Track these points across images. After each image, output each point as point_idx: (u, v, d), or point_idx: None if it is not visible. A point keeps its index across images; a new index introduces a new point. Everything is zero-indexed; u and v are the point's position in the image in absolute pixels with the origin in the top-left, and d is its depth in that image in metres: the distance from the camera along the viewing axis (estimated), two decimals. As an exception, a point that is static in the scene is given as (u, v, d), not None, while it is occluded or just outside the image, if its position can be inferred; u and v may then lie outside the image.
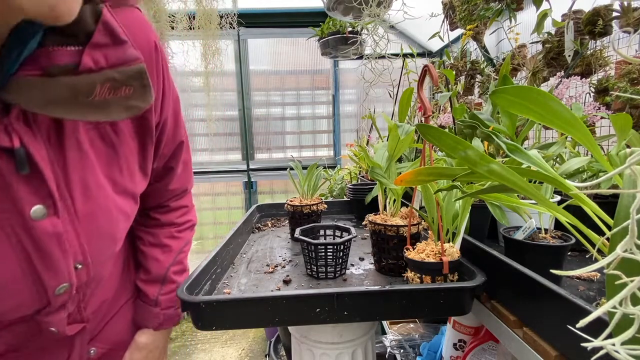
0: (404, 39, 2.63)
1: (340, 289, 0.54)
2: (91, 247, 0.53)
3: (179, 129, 0.70)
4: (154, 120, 0.59)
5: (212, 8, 1.97)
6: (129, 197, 0.59)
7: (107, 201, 0.53)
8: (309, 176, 1.04)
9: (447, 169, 0.47)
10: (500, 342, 0.89)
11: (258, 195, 2.85)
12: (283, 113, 2.87)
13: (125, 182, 0.57)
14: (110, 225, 0.55)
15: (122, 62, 0.44)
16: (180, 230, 0.76)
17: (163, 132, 0.65)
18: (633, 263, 0.24)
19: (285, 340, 1.48)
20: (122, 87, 0.45)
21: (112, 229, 0.56)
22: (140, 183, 0.62)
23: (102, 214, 0.53)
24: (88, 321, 0.61)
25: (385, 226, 0.68)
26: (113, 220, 0.55)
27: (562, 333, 0.42)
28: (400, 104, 0.79)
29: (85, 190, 0.50)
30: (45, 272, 0.47)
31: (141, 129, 0.58)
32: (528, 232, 0.60)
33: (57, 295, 0.50)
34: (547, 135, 1.32)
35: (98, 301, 0.63)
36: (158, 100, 0.60)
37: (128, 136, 0.56)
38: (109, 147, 0.53)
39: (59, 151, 0.47)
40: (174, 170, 0.72)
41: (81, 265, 0.52)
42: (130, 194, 0.59)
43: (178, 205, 0.77)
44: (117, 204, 0.55)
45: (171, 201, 0.75)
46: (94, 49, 0.42)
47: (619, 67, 0.98)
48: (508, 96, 0.35)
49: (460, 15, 1.47)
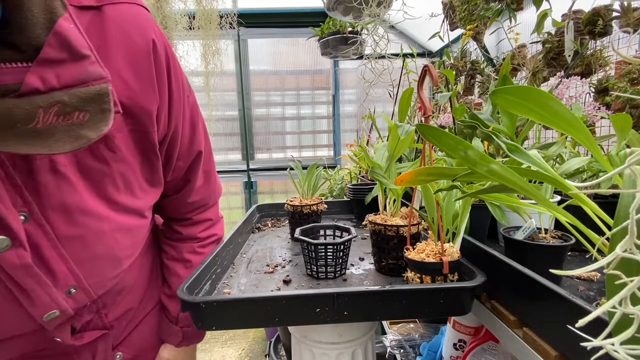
0: (404, 39, 2.63)
1: (340, 289, 0.54)
2: (85, 270, 0.50)
3: (196, 139, 0.64)
4: (156, 133, 0.54)
5: (212, 8, 1.97)
6: (131, 213, 0.55)
7: (100, 223, 0.50)
8: (309, 176, 1.04)
9: (447, 169, 0.47)
10: (500, 342, 0.89)
11: (258, 195, 2.85)
12: (283, 113, 2.87)
13: (122, 198, 0.53)
14: (106, 247, 0.52)
15: (79, 82, 0.37)
16: (203, 245, 0.73)
17: (174, 145, 0.60)
18: (633, 263, 0.24)
19: (285, 340, 1.48)
20: (75, 112, 0.37)
21: (110, 250, 0.53)
22: (147, 197, 0.58)
23: (93, 236, 0.49)
24: (111, 328, 0.60)
25: (385, 226, 0.68)
26: (109, 241, 0.52)
27: (562, 333, 0.42)
28: (400, 104, 0.79)
29: (66, 214, 0.46)
30: (25, 301, 0.45)
31: (142, 144, 0.53)
32: (528, 232, 0.60)
33: (47, 320, 0.48)
34: (547, 135, 1.32)
35: (122, 309, 0.62)
36: (163, 109, 0.55)
37: (126, 151, 0.51)
38: (101, 163, 0.49)
39: (29, 176, 0.43)
40: (192, 183, 0.67)
41: (75, 290, 0.50)
42: (132, 210, 0.55)
43: (202, 219, 0.73)
44: (113, 224, 0.52)
45: (193, 214, 0.72)
46: (44, 65, 0.35)
47: (619, 67, 0.98)
48: (508, 96, 0.35)
49: (460, 15, 1.47)
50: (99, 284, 0.53)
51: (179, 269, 0.70)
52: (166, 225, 0.73)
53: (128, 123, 0.51)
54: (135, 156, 0.53)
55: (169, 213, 0.71)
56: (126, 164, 0.52)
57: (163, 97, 0.54)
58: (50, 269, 0.46)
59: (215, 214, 0.77)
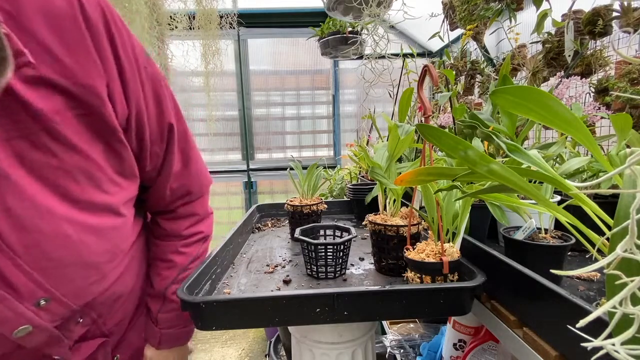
0: (404, 39, 2.63)
1: (340, 289, 0.54)
2: (54, 279, 0.45)
3: (165, 114, 0.57)
4: (113, 115, 0.47)
5: (212, 8, 1.97)
6: (102, 211, 0.49)
7: (59, 225, 0.44)
8: (309, 176, 1.04)
9: (447, 169, 0.47)
10: (500, 342, 0.89)
11: (258, 195, 2.85)
12: (283, 113, 2.87)
13: (87, 195, 0.47)
14: (73, 252, 0.46)
15: None
16: (187, 244, 0.68)
17: (142, 127, 0.53)
18: (633, 263, 0.24)
19: (285, 340, 1.48)
20: None
21: (78, 256, 0.47)
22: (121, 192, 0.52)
23: (52, 241, 0.44)
24: (111, 334, 0.58)
25: (385, 226, 0.68)
26: (75, 245, 0.46)
27: (562, 333, 0.42)
28: (400, 104, 0.79)
29: (13, 219, 0.41)
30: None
31: (97, 130, 0.47)
32: (528, 232, 0.60)
33: (20, 337, 0.44)
34: (547, 135, 1.32)
35: (121, 315, 0.60)
36: (115, 86, 0.47)
37: (77, 140, 0.45)
38: (47, 155, 0.43)
39: None
40: (169, 166, 0.61)
41: (47, 302, 0.45)
42: (103, 207, 0.49)
43: (186, 213, 0.68)
44: (78, 225, 0.46)
45: (176, 204, 0.66)
46: None
47: (619, 67, 0.98)
48: (508, 96, 0.35)
49: (460, 15, 1.47)
50: (75, 293, 0.49)
51: (160, 269, 0.66)
52: (152, 220, 0.68)
53: (70, 106, 0.44)
54: (92, 145, 0.46)
55: (151, 205, 0.66)
56: (82, 154, 0.45)
57: (110, 72, 0.46)
58: (7, 282, 0.42)
59: (202, 208, 0.71)
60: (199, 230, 0.70)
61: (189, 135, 0.64)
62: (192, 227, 0.69)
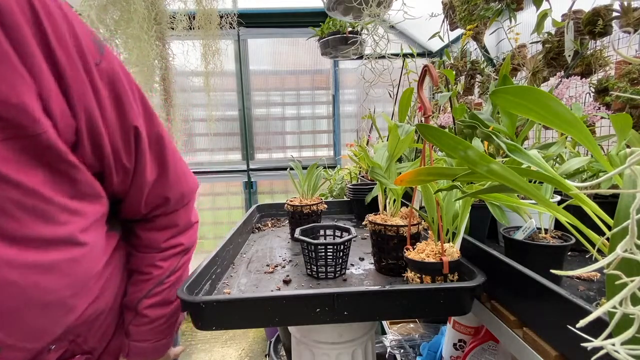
0: (404, 39, 2.63)
1: (340, 289, 0.54)
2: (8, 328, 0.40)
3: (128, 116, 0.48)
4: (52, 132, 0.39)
5: (212, 8, 1.97)
6: (55, 246, 0.42)
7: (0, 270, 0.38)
8: (309, 176, 1.04)
9: (447, 169, 0.47)
10: (500, 342, 0.89)
11: (258, 195, 2.85)
12: (283, 113, 2.87)
13: (29, 230, 0.40)
14: (23, 299, 0.40)
15: None
16: (165, 257, 0.62)
17: (99, 137, 0.44)
18: (633, 263, 0.24)
19: (285, 340, 1.48)
20: None
21: (31, 300, 0.41)
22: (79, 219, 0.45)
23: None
24: (93, 351, 0.56)
25: (385, 226, 0.68)
26: (23, 290, 0.40)
27: (562, 333, 0.42)
28: (400, 104, 0.79)
29: None
30: None
31: (33, 154, 0.39)
32: (528, 232, 0.60)
33: None
34: (547, 135, 1.32)
35: (102, 331, 0.58)
36: (51, 94, 0.38)
37: (8, 169, 0.37)
38: None
39: None
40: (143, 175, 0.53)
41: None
42: (56, 242, 0.42)
43: (166, 224, 0.62)
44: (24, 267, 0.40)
45: (156, 214, 0.60)
46: None
47: (619, 67, 0.98)
48: (508, 96, 0.35)
49: (460, 15, 1.47)
50: (35, 336, 0.43)
51: (137, 280, 0.62)
52: (129, 228, 0.62)
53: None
54: (29, 173, 0.39)
55: (125, 215, 0.59)
56: (16, 186, 0.38)
57: (42, 77, 0.37)
58: None
59: (184, 219, 0.64)
60: (179, 242, 0.64)
61: (164, 138, 0.55)
62: (172, 239, 0.63)
